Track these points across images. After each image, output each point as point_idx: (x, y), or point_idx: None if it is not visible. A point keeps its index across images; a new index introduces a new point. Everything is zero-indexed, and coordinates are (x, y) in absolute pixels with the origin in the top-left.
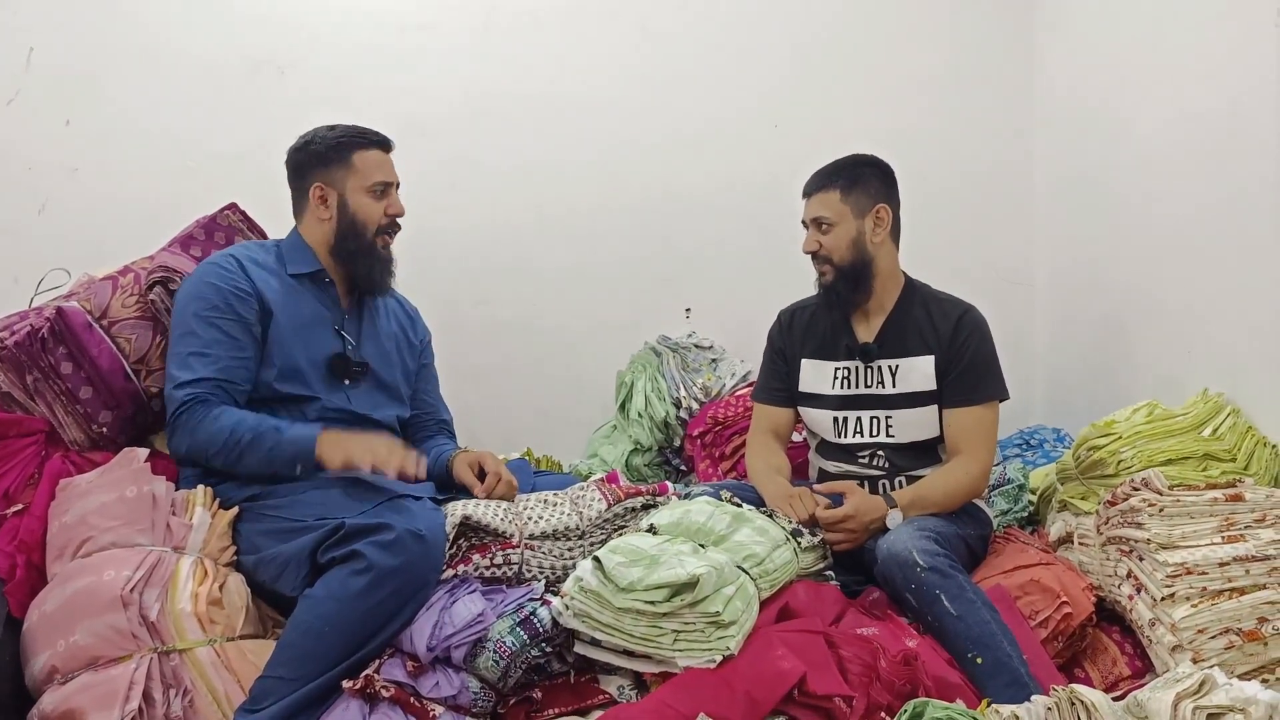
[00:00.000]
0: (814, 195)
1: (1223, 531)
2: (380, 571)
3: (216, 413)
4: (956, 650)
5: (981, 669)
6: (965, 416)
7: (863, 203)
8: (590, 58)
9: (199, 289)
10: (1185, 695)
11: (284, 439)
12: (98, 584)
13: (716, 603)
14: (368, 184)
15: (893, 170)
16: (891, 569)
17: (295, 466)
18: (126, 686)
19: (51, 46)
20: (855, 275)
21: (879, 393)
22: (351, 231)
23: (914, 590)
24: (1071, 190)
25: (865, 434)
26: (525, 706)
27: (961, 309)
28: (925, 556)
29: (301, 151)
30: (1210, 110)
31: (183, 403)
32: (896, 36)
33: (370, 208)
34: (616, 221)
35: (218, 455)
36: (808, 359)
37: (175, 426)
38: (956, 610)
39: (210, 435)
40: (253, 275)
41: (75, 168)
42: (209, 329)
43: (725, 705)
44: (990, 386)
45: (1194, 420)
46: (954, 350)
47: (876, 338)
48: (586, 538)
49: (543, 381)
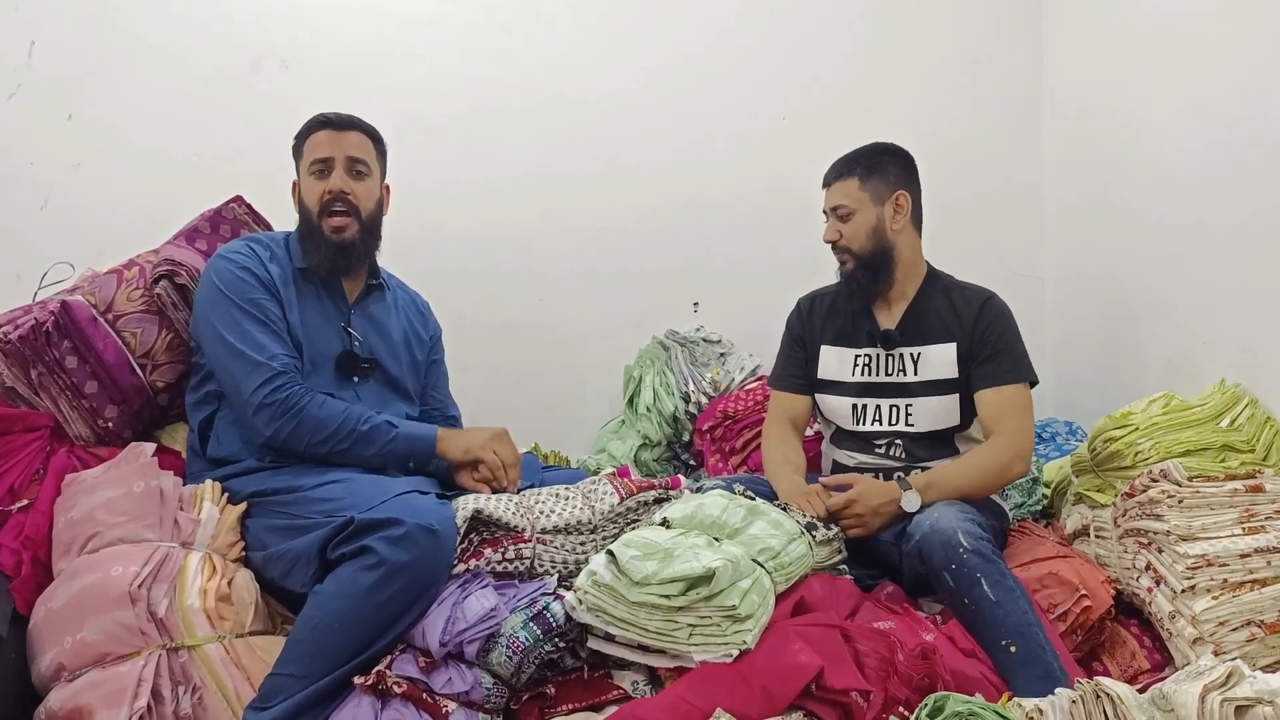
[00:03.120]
0: (833, 184)
1: (1243, 523)
2: (391, 567)
3: (320, 398)
4: (989, 637)
5: (1015, 658)
6: (995, 396)
7: (881, 190)
8: (596, 52)
9: (227, 278)
10: (1212, 687)
11: (401, 434)
12: (105, 580)
13: (732, 596)
14: (309, 163)
15: (912, 157)
16: (933, 545)
17: (408, 463)
18: (135, 684)
19: (53, 41)
20: (876, 264)
21: (900, 380)
22: (303, 216)
23: (953, 570)
24: (1082, 183)
25: (884, 422)
26: (539, 702)
27: (984, 295)
28: (969, 539)
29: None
30: (1221, 101)
31: (276, 378)
32: (905, 32)
33: (312, 187)
34: (624, 215)
35: (323, 443)
36: (828, 346)
37: (269, 406)
38: (996, 596)
39: (320, 421)
40: (268, 267)
41: (77, 163)
42: (257, 307)
43: (742, 700)
44: (1019, 368)
45: (1211, 411)
46: (978, 336)
47: (898, 325)
48: (599, 532)
49: (550, 377)
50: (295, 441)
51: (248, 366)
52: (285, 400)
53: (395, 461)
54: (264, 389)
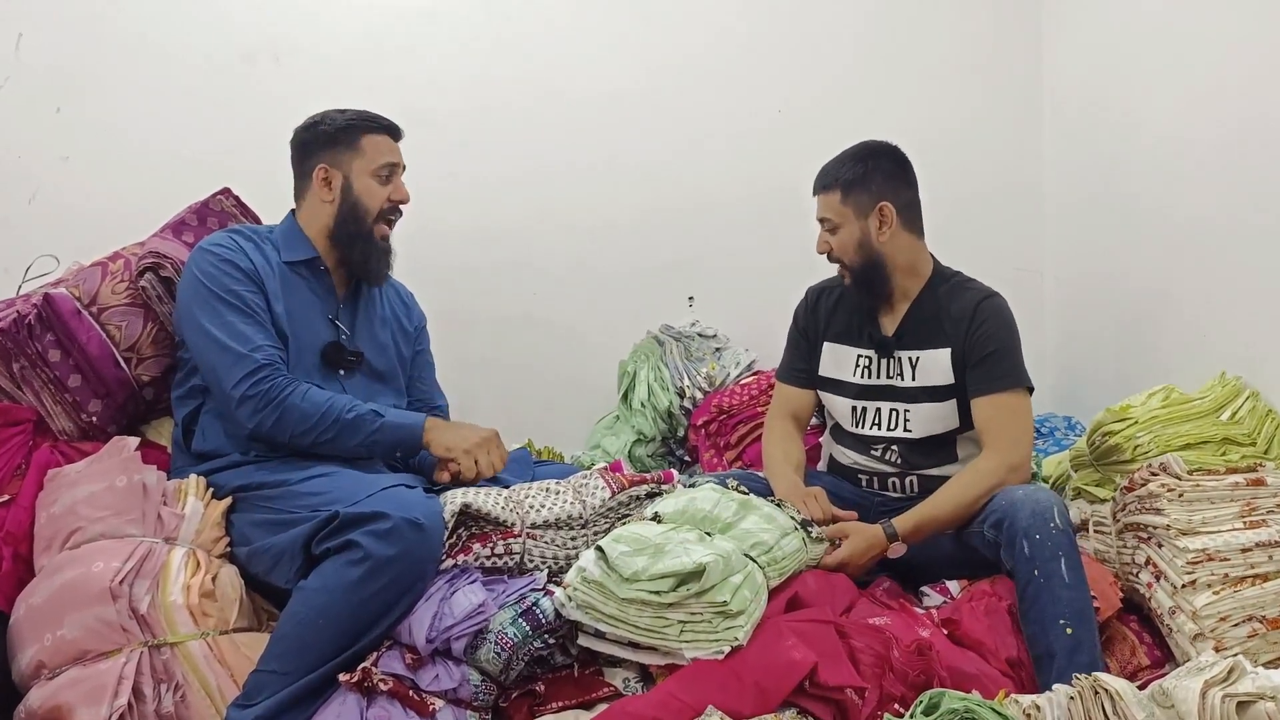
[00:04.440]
0: (818, 195)
1: (1244, 517)
2: (376, 561)
3: (303, 389)
4: (1049, 613)
5: (1069, 640)
6: (987, 406)
7: (863, 203)
8: (593, 48)
9: (216, 263)
10: (1214, 683)
11: (387, 423)
12: (86, 576)
13: (724, 592)
14: (374, 166)
15: (903, 156)
16: (1022, 510)
17: (395, 452)
18: (115, 681)
19: (42, 32)
20: (868, 276)
21: (898, 385)
22: (353, 215)
23: (1036, 540)
24: (1082, 178)
25: (883, 427)
26: (528, 700)
27: (981, 295)
28: (1061, 518)
29: (309, 131)
30: (1222, 97)
31: (259, 370)
32: (904, 29)
33: (375, 191)
34: (619, 210)
35: (307, 433)
36: (831, 342)
37: (252, 398)
38: (1070, 579)
39: (303, 412)
40: (252, 258)
41: (66, 156)
42: (239, 299)
43: (734, 697)
44: (1009, 374)
45: (1212, 404)
46: (971, 338)
47: (898, 328)
48: (590, 527)
49: (544, 372)
50: (279, 432)
51: (230, 359)
52: (268, 391)
53: (382, 451)
54: (246, 382)
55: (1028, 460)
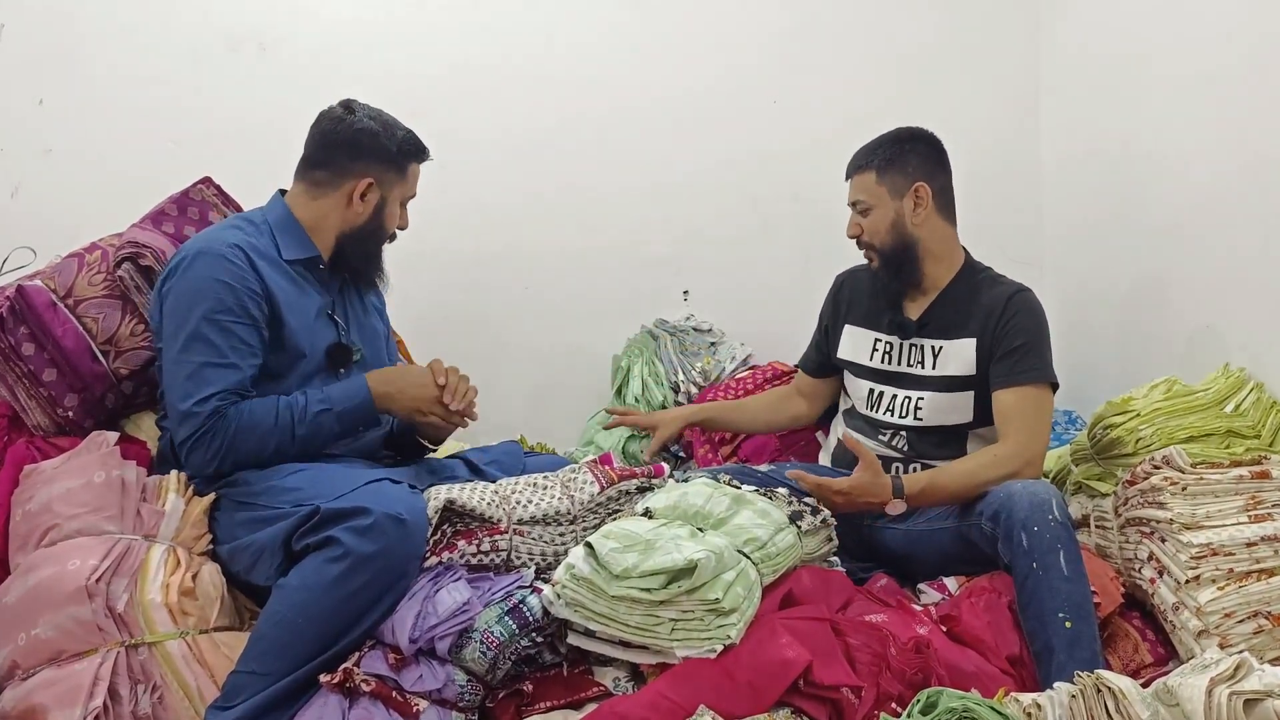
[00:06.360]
0: (852, 177)
1: (1249, 510)
2: (357, 558)
3: (245, 421)
4: (1048, 606)
5: (1068, 634)
6: (1007, 397)
7: (899, 183)
8: (584, 34)
9: (208, 286)
10: (1220, 680)
11: (338, 412)
12: (61, 574)
13: (716, 589)
14: (406, 195)
15: (939, 142)
16: (1020, 502)
17: (358, 429)
18: (90, 682)
19: (23, 22)
20: (899, 259)
21: (916, 373)
22: (376, 234)
23: (1035, 532)
24: (1081, 162)
25: (895, 414)
26: (515, 700)
27: (1014, 289)
28: (1061, 511)
29: (366, 135)
30: (1224, 83)
31: (205, 421)
32: (899, 15)
33: (398, 218)
34: (611, 202)
35: (272, 458)
36: (852, 325)
37: (198, 445)
38: (1069, 571)
39: (250, 446)
40: (261, 272)
41: (49, 149)
42: (223, 335)
43: (726, 697)
44: (1035, 368)
45: (1215, 396)
46: (999, 330)
47: (923, 315)
48: (579, 522)
49: (536, 368)
50: (239, 464)
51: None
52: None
53: (345, 435)
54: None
55: (1043, 456)
